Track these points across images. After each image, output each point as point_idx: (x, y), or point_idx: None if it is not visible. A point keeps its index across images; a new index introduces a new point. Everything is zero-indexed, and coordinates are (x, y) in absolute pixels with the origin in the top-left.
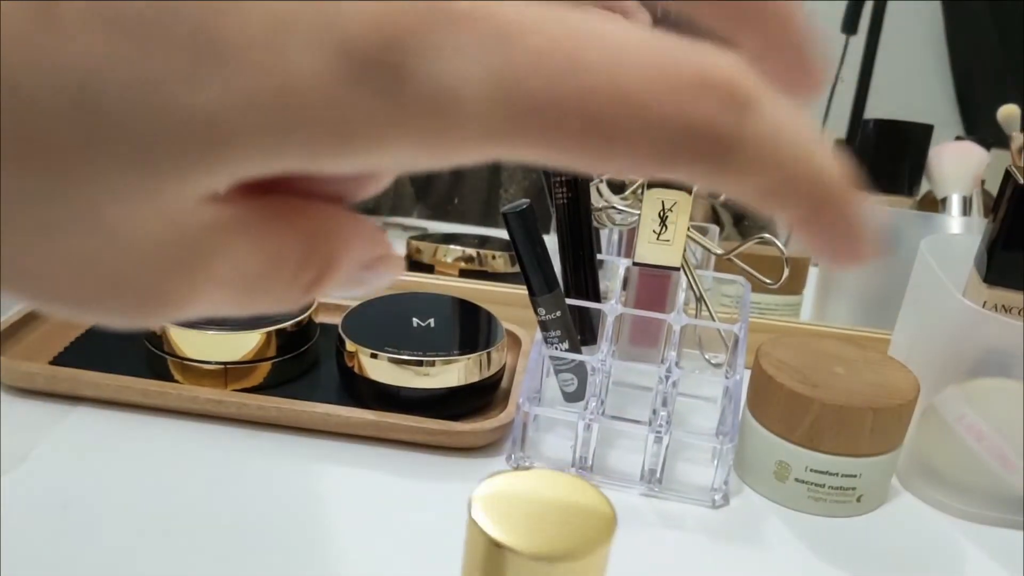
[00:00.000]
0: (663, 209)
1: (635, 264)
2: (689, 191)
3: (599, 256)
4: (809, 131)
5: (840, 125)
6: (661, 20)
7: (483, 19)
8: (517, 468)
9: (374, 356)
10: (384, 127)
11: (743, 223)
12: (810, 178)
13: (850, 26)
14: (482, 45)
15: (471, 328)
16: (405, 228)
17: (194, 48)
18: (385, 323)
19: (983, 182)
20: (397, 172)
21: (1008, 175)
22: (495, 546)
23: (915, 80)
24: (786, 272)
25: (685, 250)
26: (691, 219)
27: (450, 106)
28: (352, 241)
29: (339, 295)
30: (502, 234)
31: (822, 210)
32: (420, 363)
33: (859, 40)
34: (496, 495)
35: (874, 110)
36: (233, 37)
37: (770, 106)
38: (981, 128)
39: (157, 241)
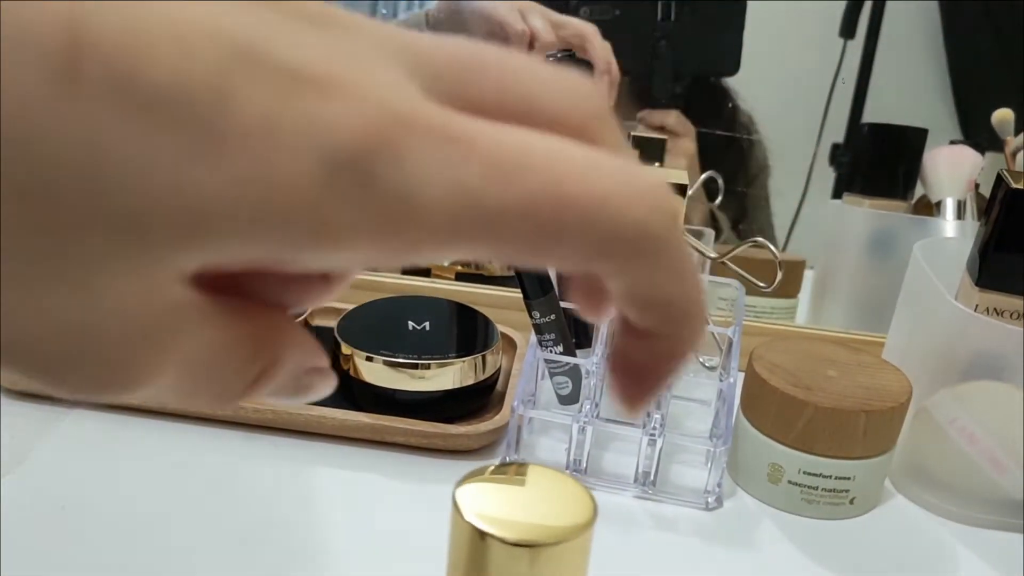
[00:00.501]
0: None
1: None
2: (683, 194)
3: None
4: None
5: (838, 128)
6: None
7: (447, 132)
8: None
9: (369, 359)
10: (352, 227)
11: (740, 227)
12: (695, 320)
13: (848, 30)
14: (445, 156)
15: (466, 331)
16: None
17: (199, 130)
18: (380, 326)
19: (977, 186)
20: (355, 271)
21: (1000, 179)
22: (479, 535)
23: (913, 84)
24: (779, 275)
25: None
26: (688, 222)
27: (413, 210)
28: (294, 347)
29: (272, 401)
30: None
31: (683, 340)
32: (415, 366)
33: (857, 44)
34: (479, 487)
35: (872, 114)
36: (233, 125)
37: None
38: (978, 132)
39: (134, 313)
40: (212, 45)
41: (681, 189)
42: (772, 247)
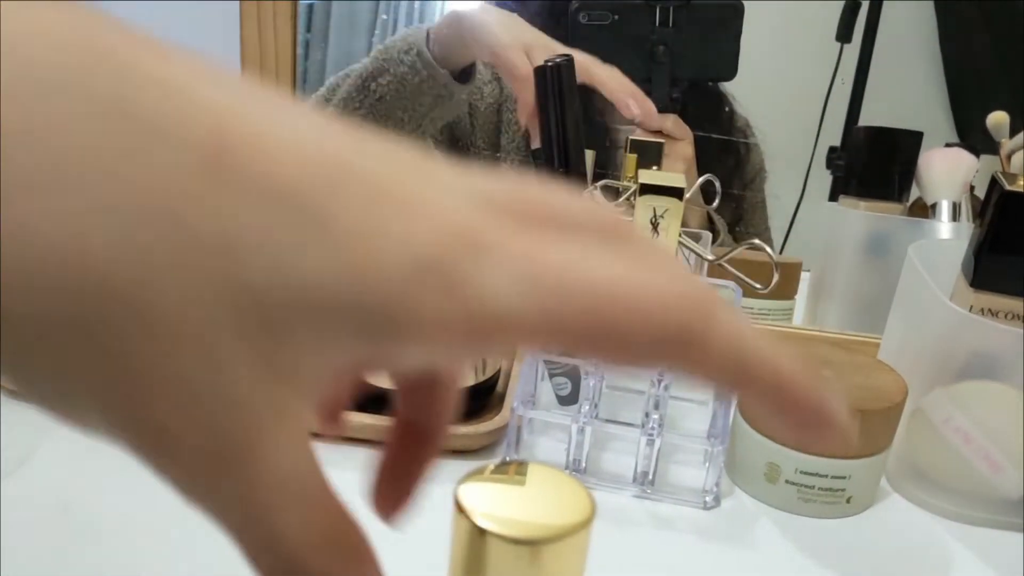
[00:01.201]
0: (655, 215)
1: None
2: (680, 197)
3: None
4: (771, 339)
5: (835, 132)
6: None
7: (509, 249)
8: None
9: None
10: (438, 320)
11: (737, 229)
12: (770, 374)
13: (844, 35)
14: (508, 270)
15: None
16: None
17: (315, 223)
18: None
19: (972, 188)
20: (452, 375)
21: (995, 181)
22: (479, 532)
23: (909, 88)
24: (776, 277)
25: (677, 255)
26: (686, 226)
27: (486, 310)
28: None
29: None
30: None
31: (784, 400)
32: None
33: (853, 48)
34: (480, 485)
35: (868, 118)
36: (342, 223)
37: (732, 317)
38: (974, 135)
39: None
40: (321, 158)
41: (678, 192)
42: (768, 249)
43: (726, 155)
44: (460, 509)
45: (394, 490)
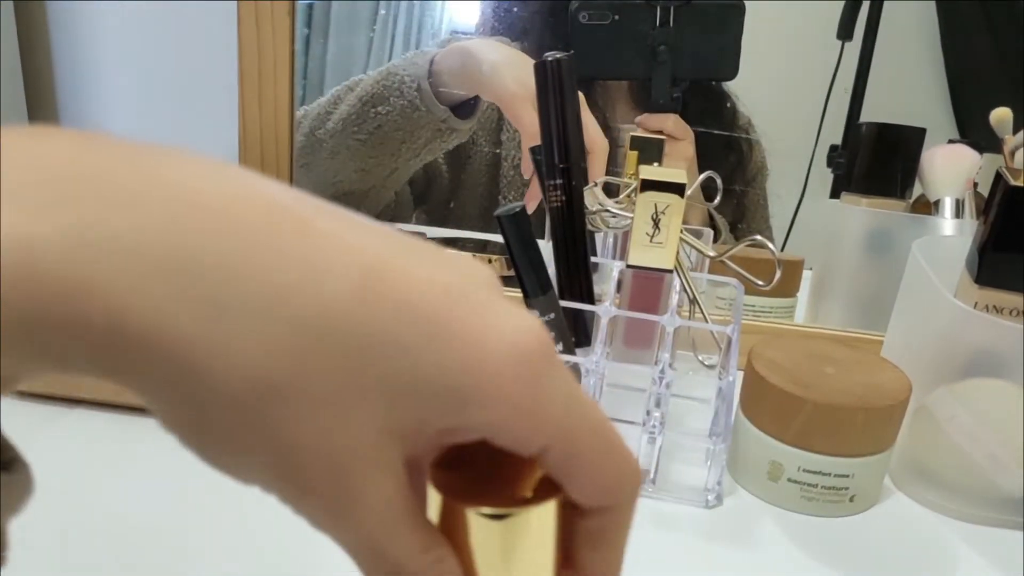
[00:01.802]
0: (656, 212)
1: (628, 266)
2: (681, 194)
3: (593, 259)
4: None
5: (836, 130)
6: None
7: (570, 379)
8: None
9: None
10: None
11: (738, 227)
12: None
13: (846, 32)
14: (569, 391)
15: None
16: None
17: (437, 329)
18: None
19: (976, 185)
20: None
21: (999, 176)
22: (453, 507)
23: (910, 85)
24: (778, 274)
25: (678, 252)
26: (687, 223)
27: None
28: None
29: None
30: (501, 238)
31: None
32: None
33: (854, 46)
34: (451, 463)
35: (869, 115)
36: (454, 330)
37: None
38: (976, 132)
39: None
40: (439, 283)
41: (679, 188)
42: (771, 245)
43: (728, 152)
44: (433, 485)
45: None
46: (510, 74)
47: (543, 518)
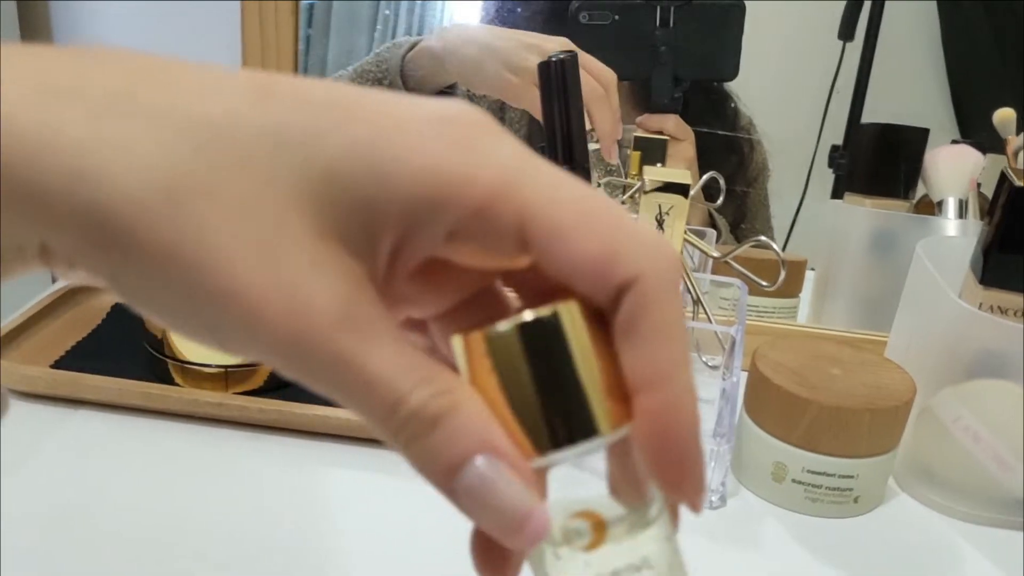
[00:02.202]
0: (660, 213)
1: None
2: (685, 195)
3: None
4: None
5: (838, 130)
6: None
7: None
8: None
9: None
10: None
11: (740, 228)
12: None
13: (847, 33)
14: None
15: None
16: None
17: (345, 110)
18: None
19: (979, 185)
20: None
21: (1004, 177)
22: (470, 342)
23: (912, 85)
24: (782, 274)
25: (682, 253)
26: (688, 223)
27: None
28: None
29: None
30: None
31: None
32: None
33: (856, 47)
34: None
35: (871, 116)
36: None
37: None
38: (977, 133)
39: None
40: (339, 88)
41: (683, 189)
42: (775, 245)
43: (729, 153)
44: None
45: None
46: (499, 65)
47: (566, 321)
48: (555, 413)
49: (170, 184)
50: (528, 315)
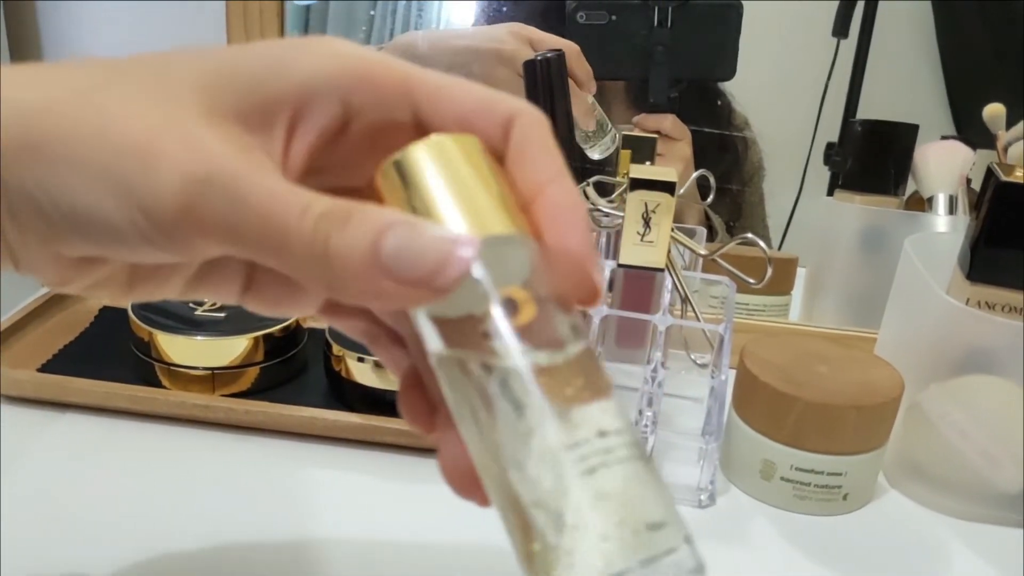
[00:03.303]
0: (646, 211)
1: (620, 266)
2: (672, 192)
3: None
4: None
5: (832, 127)
6: None
7: None
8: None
9: (361, 360)
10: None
11: (734, 226)
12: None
13: (841, 30)
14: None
15: None
16: None
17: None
18: None
19: (969, 181)
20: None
21: (990, 172)
22: (379, 174)
23: (906, 83)
24: (769, 272)
25: (670, 251)
26: (684, 223)
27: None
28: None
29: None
30: None
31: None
32: None
33: (850, 43)
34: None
35: (865, 113)
36: None
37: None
38: (971, 129)
39: None
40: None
41: (669, 187)
42: (762, 243)
43: (725, 152)
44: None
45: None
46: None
47: (468, 143)
48: (464, 220)
49: (75, 87)
50: (434, 136)
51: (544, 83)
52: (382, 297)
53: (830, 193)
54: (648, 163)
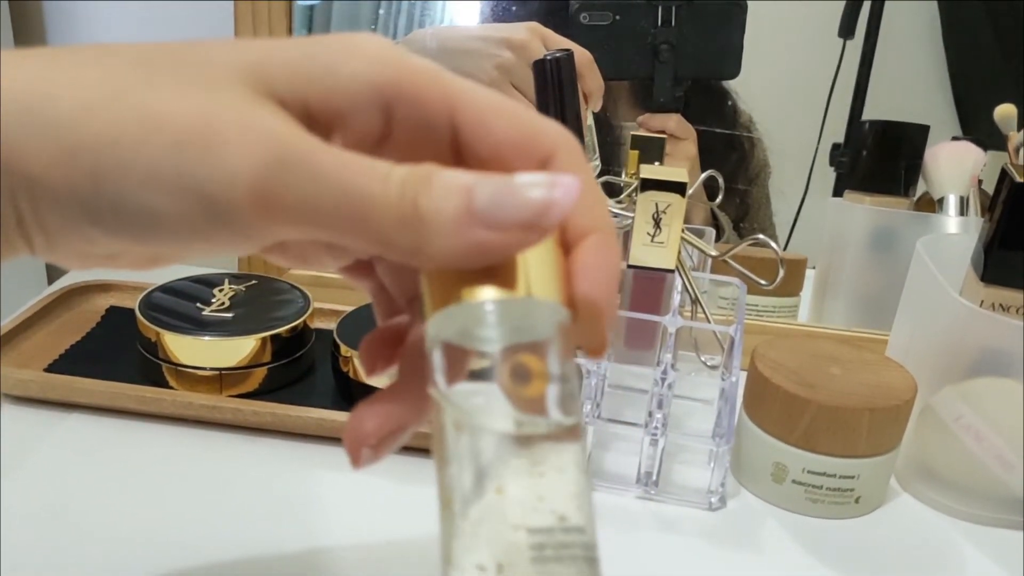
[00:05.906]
0: (656, 211)
1: (629, 266)
2: (682, 193)
3: None
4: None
5: (839, 128)
6: None
7: None
8: None
9: None
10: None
11: (741, 226)
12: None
13: (847, 30)
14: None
15: None
16: None
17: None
18: None
19: (980, 182)
20: None
21: (1004, 173)
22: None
23: (913, 83)
24: (781, 272)
25: (680, 252)
26: (691, 223)
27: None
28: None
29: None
30: None
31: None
32: None
33: (856, 44)
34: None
35: (871, 113)
36: None
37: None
38: (979, 129)
39: None
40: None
41: (680, 187)
42: (773, 244)
43: (730, 151)
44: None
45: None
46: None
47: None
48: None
49: (115, 86)
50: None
51: (554, 82)
52: (477, 251)
53: (836, 194)
54: (657, 163)
